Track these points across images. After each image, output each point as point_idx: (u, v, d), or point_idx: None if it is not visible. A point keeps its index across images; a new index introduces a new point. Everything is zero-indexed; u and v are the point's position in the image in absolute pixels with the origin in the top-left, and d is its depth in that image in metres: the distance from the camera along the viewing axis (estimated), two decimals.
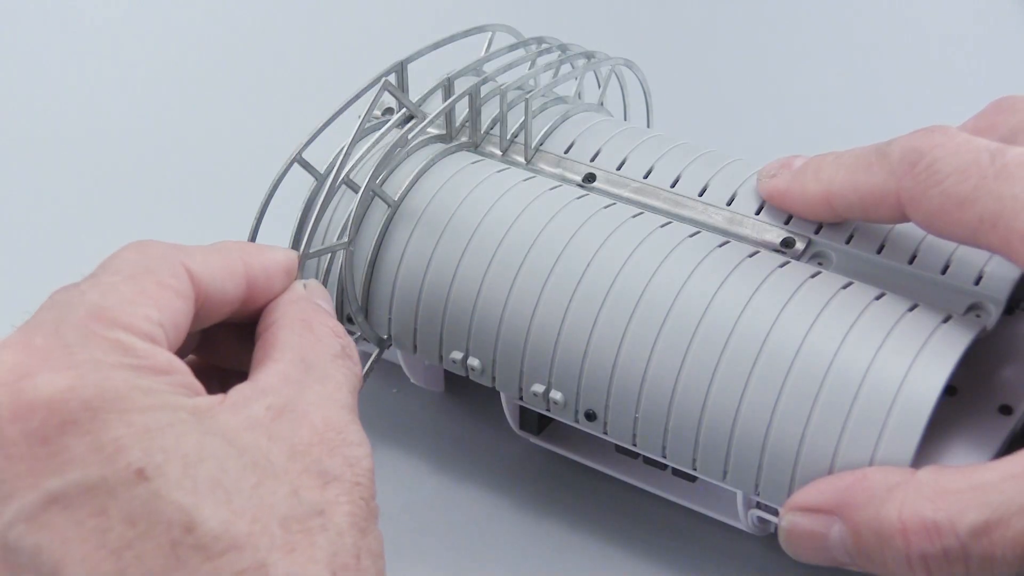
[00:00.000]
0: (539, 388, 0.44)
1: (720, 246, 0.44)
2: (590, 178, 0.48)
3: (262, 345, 0.39)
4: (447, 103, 0.48)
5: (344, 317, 0.46)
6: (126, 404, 0.35)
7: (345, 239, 0.45)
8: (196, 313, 0.39)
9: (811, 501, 0.40)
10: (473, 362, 0.45)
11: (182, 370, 0.36)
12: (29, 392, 0.34)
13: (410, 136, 0.47)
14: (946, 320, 0.41)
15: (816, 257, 0.44)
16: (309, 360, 0.38)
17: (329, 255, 0.45)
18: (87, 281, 0.38)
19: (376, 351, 0.47)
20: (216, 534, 0.34)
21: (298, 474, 0.35)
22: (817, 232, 0.45)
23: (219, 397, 0.36)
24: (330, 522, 0.35)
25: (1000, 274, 0.43)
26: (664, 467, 0.45)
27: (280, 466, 0.35)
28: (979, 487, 0.38)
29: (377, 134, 0.47)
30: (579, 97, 0.52)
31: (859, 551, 0.39)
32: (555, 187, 0.47)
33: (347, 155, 0.45)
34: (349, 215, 0.45)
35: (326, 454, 0.36)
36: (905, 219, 0.42)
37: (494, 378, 0.45)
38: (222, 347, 0.42)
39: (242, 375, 0.39)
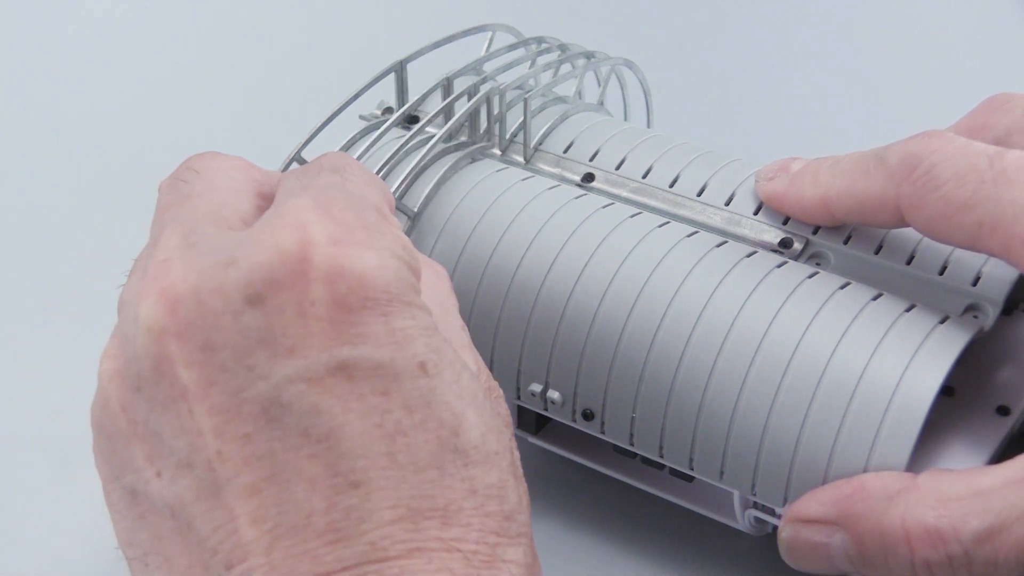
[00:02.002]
0: (537, 387, 0.44)
1: (718, 246, 0.44)
2: (589, 178, 0.48)
3: None
4: (446, 101, 0.48)
5: None
6: (411, 298, 0.35)
7: (415, 210, 0.46)
8: None
9: (811, 512, 0.40)
10: None
11: None
12: (343, 259, 0.34)
13: (418, 140, 0.47)
14: (943, 321, 0.42)
15: (814, 257, 0.44)
16: (444, 305, 0.39)
17: None
18: (330, 175, 0.38)
19: None
20: (475, 444, 0.34)
21: None
22: (815, 232, 0.45)
23: None
24: (517, 464, 0.36)
25: (998, 275, 0.43)
26: (661, 467, 0.45)
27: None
28: (981, 493, 0.38)
29: (376, 133, 0.47)
30: (579, 97, 0.52)
31: (862, 560, 0.39)
32: (553, 187, 0.47)
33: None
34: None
35: (494, 398, 0.37)
36: (904, 224, 0.42)
37: (491, 377, 0.45)
38: None
39: None
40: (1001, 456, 0.41)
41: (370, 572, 0.33)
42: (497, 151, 0.49)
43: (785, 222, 0.45)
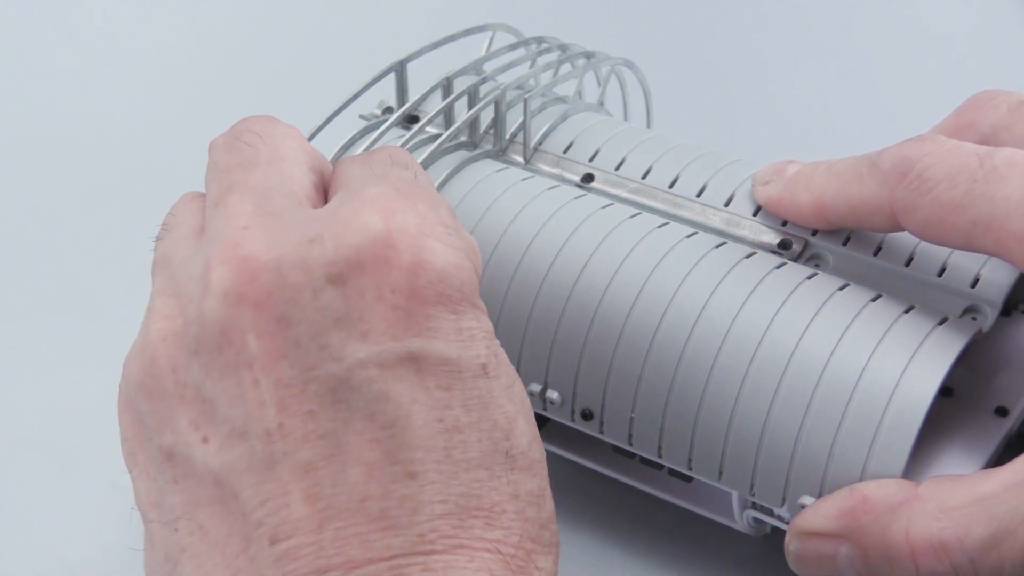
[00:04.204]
0: (536, 387, 0.44)
1: (717, 247, 0.44)
2: (588, 178, 0.48)
3: None
4: (446, 101, 0.48)
5: None
6: (476, 301, 0.36)
7: None
8: None
9: (816, 526, 0.40)
10: None
11: None
12: (427, 253, 0.35)
13: (418, 139, 0.47)
14: (942, 322, 0.42)
15: (813, 259, 0.44)
16: None
17: None
18: (402, 169, 0.38)
19: None
20: (522, 450, 0.35)
21: None
22: (814, 234, 0.45)
23: None
24: None
25: (997, 277, 0.43)
26: (660, 467, 0.45)
27: None
28: (982, 500, 0.38)
29: (376, 133, 0.47)
30: (579, 97, 0.52)
31: (869, 571, 0.39)
32: (553, 187, 0.47)
33: None
34: None
35: None
36: (899, 228, 0.42)
37: None
38: None
39: None
40: (999, 458, 0.41)
41: (416, 564, 0.33)
42: (497, 151, 0.49)
43: (784, 223, 0.45)
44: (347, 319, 0.34)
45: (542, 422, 0.47)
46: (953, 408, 0.43)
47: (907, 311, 0.42)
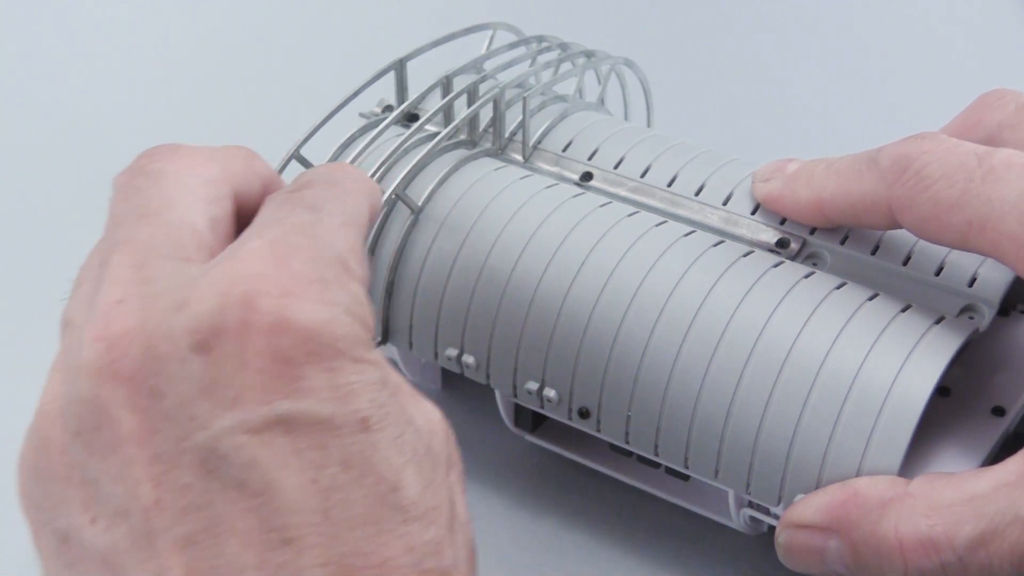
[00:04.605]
0: (533, 385, 0.44)
1: (715, 246, 0.44)
2: (587, 176, 0.48)
3: None
4: (446, 99, 0.48)
5: None
6: (360, 354, 0.34)
7: (419, 204, 0.46)
8: None
9: (806, 518, 0.40)
10: (468, 359, 0.45)
11: None
12: (289, 312, 0.33)
13: (417, 137, 0.47)
14: (939, 321, 0.42)
15: (811, 258, 0.45)
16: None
17: None
18: (305, 213, 0.37)
19: None
20: (414, 500, 0.34)
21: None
22: (812, 233, 0.45)
23: None
24: (460, 511, 0.36)
25: (994, 276, 0.43)
26: (657, 465, 0.45)
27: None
28: (973, 499, 0.38)
29: (375, 131, 0.47)
30: (579, 95, 0.52)
31: (857, 566, 0.39)
32: (551, 185, 0.47)
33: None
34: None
35: (443, 438, 0.37)
36: (897, 226, 0.42)
37: (488, 375, 0.45)
38: None
39: None
40: (995, 457, 0.41)
41: None
42: (496, 149, 0.49)
43: (782, 222, 0.45)
44: (213, 387, 0.33)
45: (539, 420, 0.47)
46: (950, 408, 0.43)
47: (904, 310, 0.42)
